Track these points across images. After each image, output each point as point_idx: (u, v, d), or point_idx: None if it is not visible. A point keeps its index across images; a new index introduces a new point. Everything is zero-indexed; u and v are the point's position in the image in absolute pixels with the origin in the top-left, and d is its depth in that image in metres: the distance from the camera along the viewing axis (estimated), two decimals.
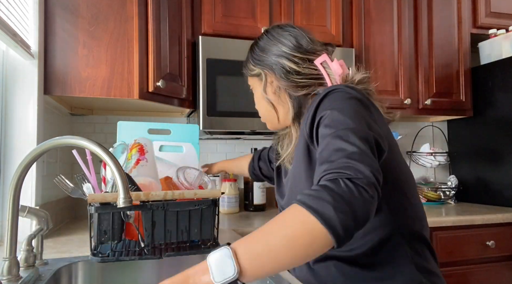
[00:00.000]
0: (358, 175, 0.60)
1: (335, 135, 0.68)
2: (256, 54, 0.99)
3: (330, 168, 0.63)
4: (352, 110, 0.72)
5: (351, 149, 0.64)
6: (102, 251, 0.97)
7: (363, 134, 0.67)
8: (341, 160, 0.63)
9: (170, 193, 0.98)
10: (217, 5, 1.80)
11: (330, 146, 0.67)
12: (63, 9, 1.41)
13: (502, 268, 1.79)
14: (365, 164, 0.62)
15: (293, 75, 0.91)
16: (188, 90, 1.73)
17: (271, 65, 0.95)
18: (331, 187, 0.59)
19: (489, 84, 2.15)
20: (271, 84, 0.96)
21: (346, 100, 0.75)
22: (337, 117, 0.71)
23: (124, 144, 1.16)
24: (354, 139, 0.65)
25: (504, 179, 2.04)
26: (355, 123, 0.69)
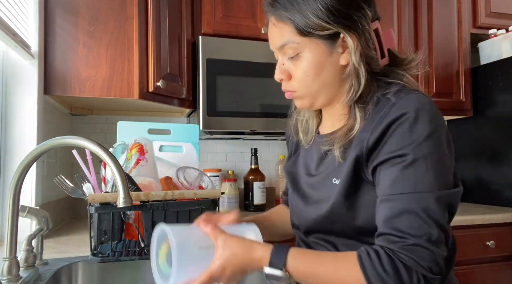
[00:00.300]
0: (431, 269, 0.60)
1: (415, 200, 0.62)
2: (334, 7, 0.70)
3: (407, 247, 0.60)
4: (436, 158, 0.64)
5: (430, 227, 0.61)
6: (102, 251, 0.97)
7: (444, 198, 0.63)
8: (419, 241, 0.60)
9: (170, 193, 0.98)
10: (217, 5, 1.80)
11: (405, 212, 0.62)
12: (63, 9, 1.41)
13: (502, 268, 1.79)
14: (440, 248, 0.61)
15: (371, 44, 0.73)
16: (188, 90, 1.73)
17: (358, 27, 0.72)
18: (403, 278, 0.59)
19: (489, 84, 2.15)
20: (357, 52, 0.72)
21: (427, 139, 0.64)
22: (419, 171, 0.63)
23: (124, 143, 1.16)
24: (434, 209, 0.61)
25: (504, 179, 2.04)
26: (437, 182, 0.63)
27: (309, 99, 0.77)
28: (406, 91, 0.70)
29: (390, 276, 0.59)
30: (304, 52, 0.73)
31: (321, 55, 0.73)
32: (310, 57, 0.73)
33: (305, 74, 0.74)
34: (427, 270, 0.59)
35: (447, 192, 0.64)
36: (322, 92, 0.76)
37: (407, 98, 0.67)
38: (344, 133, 0.74)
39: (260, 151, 2.13)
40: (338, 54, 0.73)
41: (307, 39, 0.72)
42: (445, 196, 0.63)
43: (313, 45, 0.72)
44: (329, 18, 0.70)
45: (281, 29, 0.74)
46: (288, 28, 0.73)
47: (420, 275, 0.59)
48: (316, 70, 0.73)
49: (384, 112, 0.67)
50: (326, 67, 0.74)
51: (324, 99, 0.77)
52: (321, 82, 0.74)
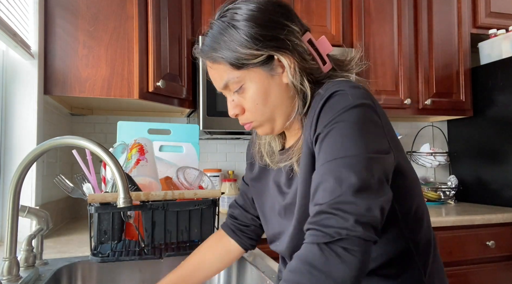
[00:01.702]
0: (339, 232, 0.54)
1: (327, 169, 0.61)
2: (259, 33, 0.72)
3: (312, 220, 0.58)
4: (353, 126, 0.63)
5: (339, 191, 0.57)
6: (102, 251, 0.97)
7: (362, 163, 0.60)
8: (324, 207, 0.57)
9: (170, 193, 0.98)
10: (217, 5, 1.80)
11: (320, 183, 0.61)
12: (63, 9, 1.41)
13: (502, 268, 1.79)
14: (353, 213, 0.56)
15: (308, 56, 0.74)
16: (188, 90, 1.73)
17: (288, 44, 0.73)
18: (308, 258, 0.55)
19: (489, 84, 2.15)
20: (293, 69, 0.73)
21: (348, 110, 0.64)
22: (332, 140, 0.63)
23: (124, 143, 1.16)
24: (347, 175, 0.58)
25: (504, 179, 2.04)
26: (353, 148, 0.61)
27: (268, 125, 0.78)
28: (334, 81, 0.72)
29: (298, 265, 0.56)
30: (246, 83, 0.75)
31: (263, 81, 0.74)
32: (254, 86, 0.75)
33: (255, 103, 0.75)
34: (332, 236, 0.55)
35: (367, 156, 0.60)
36: (277, 115, 0.77)
37: (335, 83, 0.70)
38: (299, 147, 0.75)
39: None
40: (279, 75, 0.75)
41: (244, 71, 0.74)
42: (363, 161, 0.60)
43: (252, 74, 0.74)
44: (257, 45, 0.71)
45: (218, 70, 0.76)
46: (223, 67, 0.75)
47: (323, 245, 0.55)
48: (263, 96, 0.75)
49: (316, 105, 0.69)
50: (272, 90, 0.75)
51: (282, 121, 0.78)
52: (272, 106, 0.76)
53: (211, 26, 0.77)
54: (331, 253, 0.54)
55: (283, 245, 0.80)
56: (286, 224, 0.80)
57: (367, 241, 0.55)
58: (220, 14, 0.76)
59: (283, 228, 0.82)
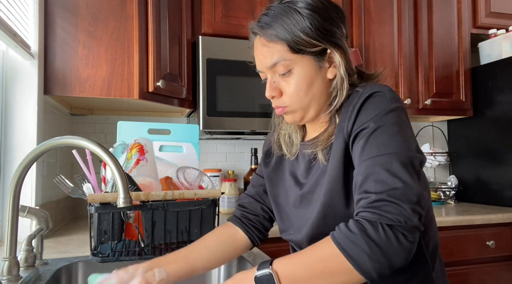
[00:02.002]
0: (399, 219, 0.60)
1: (377, 162, 0.65)
2: (322, 26, 0.76)
3: (370, 205, 0.62)
4: (396, 127, 0.68)
5: (393, 183, 0.62)
6: (102, 251, 0.97)
7: (407, 159, 0.65)
8: (382, 196, 0.62)
9: (170, 193, 0.98)
10: (217, 5, 1.80)
11: (370, 174, 0.65)
12: (63, 9, 1.41)
13: (502, 268, 1.79)
14: (408, 202, 0.61)
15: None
16: (188, 90, 1.73)
17: (341, 43, 0.78)
18: (369, 232, 0.60)
19: (489, 84, 2.15)
20: (342, 66, 0.78)
21: (390, 112, 0.70)
22: (380, 137, 0.67)
23: (124, 144, 1.16)
24: (398, 169, 0.63)
25: (504, 179, 2.04)
26: (399, 146, 0.66)
27: (301, 113, 0.81)
28: (370, 84, 0.77)
29: (357, 234, 0.60)
30: (295, 68, 0.77)
31: (311, 70, 0.78)
32: (302, 73, 0.77)
33: (298, 89, 0.78)
34: (394, 221, 0.60)
35: (411, 154, 0.67)
36: (312, 106, 0.80)
37: (372, 85, 0.75)
38: (326, 138, 0.78)
39: (260, 151, 2.13)
40: (326, 69, 0.79)
41: (298, 56, 0.77)
42: (409, 158, 0.66)
43: (304, 61, 0.77)
44: (318, 35, 0.75)
45: (272, 49, 0.78)
46: (279, 47, 0.76)
47: (385, 226, 0.60)
48: (307, 85, 0.78)
49: (355, 101, 0.73)
50: (316, 82, 0.78)
51: (313, 112, 0.81)
52: (311, 96, 0.79)
53: (271, 8, 0.79)
54: (392, 235, 0.59)
55: (301, 233, 0.82)
56: (302, 213, 0.83)
57: (418, 230, 0.62)
58: (283, 0, 0.79)
59: (298, 218, 0.84)
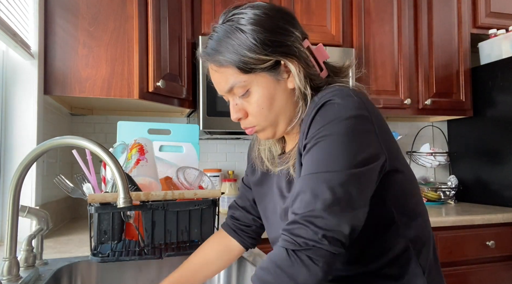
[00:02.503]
0: (306, 243, 0.60)
1: (306, 181, 0.64)
2: (267, 38, 0.72)
3: (286, 227, 0.63)
4: (336, 140, 0.65)
5: (313, 205, 0.61)
6: (102, 251, 0.97)
7: (338, 178, 0.62)
8: (297, 218, 0.62)
9: (170, 193, 0.98)
10: (217, 5, 1.80)
11: (300, 193, 0.64)
12: (63, 9, 1.41)
13: (502, 268, 1.79)
14: (322, 226, 0.60)
15: (310, 62, 0.76)
16: (188, 90, 1.73)
17: (293, 51, 0.74)
18: (277, 259, 0.62)
19: (489, 84, 2.15)
20: (298, 74, 0.75)
21: (332, 123, 0.66)
22: (316, 153, 0.66)
23: (124, 144, 1.16)
24: (323, 190, 0.62)
25: (504, 179, 2.04)
26: (334, 163, 0.63)
27: (270, 129, 0.79)
28: (329, 89, 0.72)
29: (269, 264, 0.62)
30: (252, 87, 0.75)
31: (269, 85, 0.75)
32: (260, 91, 0.75)
33: (260, 107, 0.76)
34: (300, 245, 0.60)
35: (344, 172, 0.63)
36: (280, 120, 0.78)
37: (328, 92, 0.70)
38: (296, 151, 0.76)
39: None
40: (284, 80, 0.76)
41: (251, 75, 0.74)
42: (339, 177, 0.63)
43: (259, 79, 0.74)
44: (266, 50, 0.72)
45: (224, 74, 0.76)
46: (230, 70, 0.74)
47: (291, 251, 0.61)
48: (269, 101, 0.76)
49: (310, 112, 0.71)
50: (277, 95, 0.76)
51: (283, 126, 0.79)
52: (276, 111, 0.76)
53: (215, 30, 0.77)
54: (296, 259, 0.60)
55: None
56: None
57: (331, 253, 0.61)
58: (225, 19, 0.76)
59: None
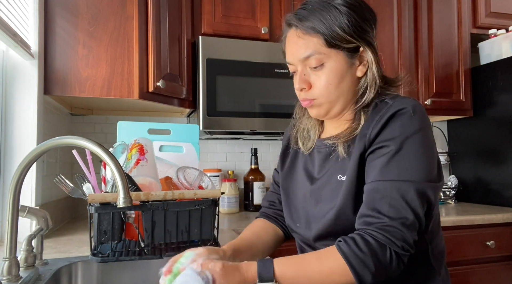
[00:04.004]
0: (403, 247, 0.66)
1: (394, 187, 0.69)
2: (358, 24, 0.78)
3: (382, 227, 0.67)
4: (420, 152, 0.71)
5: (406, 213, 0.67)
6: (102, 251, 0.97)
7: (423, 189, 0.69)
8: (395, 223, 0.67)
9: (170, 193, 0.98)
10: (217, 5, 1.80)
11: (387, 197, 0.68)
12: (63, 9, 1.41)
13: (502, 268, 1.79)
14: (413, 231, 0.68)
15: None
16: (188, 90, 1.73)
17: (373, 43, 0.82)
18: (378, 254, 0.66)
19: (489, 84, 2.15)
20: (373, 65, 0.80)
21: (416, 134, 0.72)
22: (402, 160, 0.70)
23: (124, 143, 1.16)
24: (412, 198, 0.68)
25: (504, 179, 2.04)
26: (419, 174, 0.69)
27: (327, 107, 0.82)
28: (401, 97, 0.78)
29: (367, 254, 0.65)
30: (328, 62, 0.79)
31: (343, 66, 0.79)
32: (334, 68, 0.79)
33: (328, 83, 0.79)
34: (399, 247, 0.66)
35: (428, 184, 0.70)
36: (339, 101, 0.81)
37: (403, 99, 0.76)
38: (348, 133, 0.79)
39: (260, 151, 2.13)
40: (356, 67, 0.81)
41: (333, 50, 0.78)
42: (425, 188, 0.69)
43: (338, 56, 0.79)
44: (354, 33, 0.77)
45: (307, 41, 0.78)
46: (316, 40, 0.78)
47: (393, 251, 0.66)
48: (338, 80, 0.79)
49: (383, 111, 0.74)
50: (346, 78, 0.80)
51: (339, 108, 0.82)
52: (340, 91, 0.80)
53: (308, 3, 0.81)
54: (395, 260, 0.67)
55: (310, 230, 0.83)
56: (310, 209, 0.84)
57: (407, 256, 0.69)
58: None
59: (306, 213, 0.85)
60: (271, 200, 1.02)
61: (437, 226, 0.82)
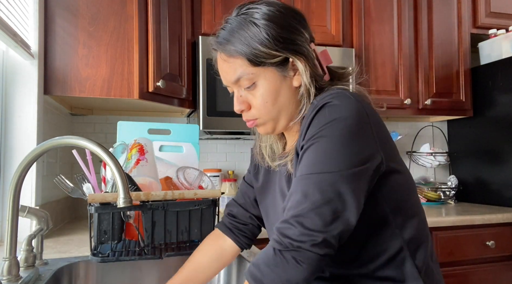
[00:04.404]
0: (292, 244, 0.62)
1: (299, 182, 0.66)
2: (279, 35, 0.74)
3: (278, 226, 0.65)
4: (330, 142, 0.66)
5: (304, 206, 0.63)
6: (102, 251, 0.97)
7: (330, 180, 0.64)
8: (288, 219, 0.64)
9: (170, 193, 0.98)
10: (217, 5, 1.80)
11: (292, 193, 0.66)
12: (63, 9, 1.41)
13: (502, 268, 1.79)
14: (310, 227, 0.62)
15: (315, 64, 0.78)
16: (188, 90, 1.73)
17: (303, 50, 0.76)
18: (268, 258, 0.64)
19: (489, 84, 2.15)
20: (305, 73, 0.76)
21: (329, 125, 0.67)
22: (312, 155, 0.67)
23: (124, 144, 1.16)
24: (313, 191, 0.63)
25: (504, 179, 2.04)
26: (327, 165, 0.64)
27: (271, 124, 0.80)
28: (327, 92, 0.74)
29: (260, 262, 0.64)
30: (259, 81, 0.76)
31: (275, 81, 0.76)
32: (266, 85, 0.76)
33: (264, 101, 0.77)
34: (287, 246, 0.62)
35: (337, 174, 0.64)
36: (282, 115, 0.79)
37: (325, 95, 0.72)
38: (294, 147, 0.76)
39: None
40: (291, 78, 0.77)
41: (260, 68, 0.75)
42: (332, 179, 0.64)
43: (267, 73, 0.76)
44: (277, 45, 0.74)
45: (233, 64, 0.76)
46: (240, 61, 0.75)
47: (277, 251, 0.63)
48: (274, 96, 0.77)
49: (309, 114, 0.72)
50: (282, 91, 0.77)
51: (284, 122, 0.80)
52: (279, 107, 0.77)
53: (228, 21, 0.78)
54: (282, 259, 0.63)
55: None
56: None
57: (317, 254, 0.62)
58: (240, 12, 0.78)
59: None
60: (230, 210, 0.99)
61: (413, 216, 0.75)
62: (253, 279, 0.64)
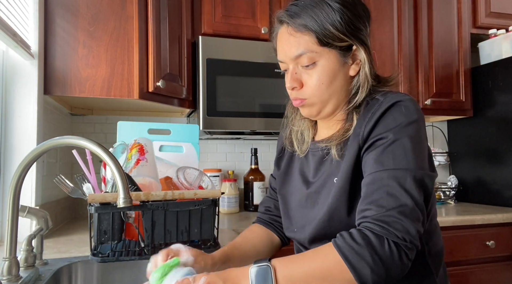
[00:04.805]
0: (404, 238, 0.62)
1: (392, 176, 0.66)
2: (351, 21, 0.76)
3: (379, 218, 0.63)
4: (415, 142, 0.69)
5: (405, 200, 0.64)
6: (102, 251, 0.97)
7: (420, 176, 0.67)
8: (393, 212, 0.63)
9: (170, 193, 0.98)
10: (217, 5, 1.80)
11: (384, 187, 0.66)
12: (63, 9, 1.41)
13: (502, 268, 1.79)
14: (414, 221, 0.63)
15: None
16: (188, 90, 1.73)
17: (366, 41, 0.79)
18: (375, 246, 0.61)
19: (489, 84, 2.15)
20: (366, 64, 0.78)
21: (410, 125, 0.70)
22: (397, 150, 0.68)
23: (124, 144, 1.16)
24: (411, 186, 0.65)
25: (504, 179, 2.04)
26: (415, 162, 0.67)
27: (319, 106, 0.80)
28: (392, 92, 0.77)
29: (362, 246, 0.61)
30: (320, 61, 0.77)
31: (335, 65, 0.77)
32: (326, 66, 0.77)
33: (320, 82, 0.77)
34: (400, 238, 0.62)
35: (424, 172, 0.68)
36: (331, 100, 0.79)
37: (394, 95, 0.75)
38: (341, 134, 0.78)
39: (260, 151, 2.13)
40: (349, 65, 0.79)
41: (325, 49, 0.76)
42: (422, 176, 0.67)
43: (330, 55, 0.76)
44: (347, 31, 0.75)
45: (299, 39, 0.77)
46: (307, 38, 0.76)
47: (391, 242, 0.61)
48: (330, 79, 0.77)
49: (375, 108, 0.73)
50: (339, 76, 0.78)
51: (331, 108, 0.81)
52: (332, 90, 0.78)
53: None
54: (396, 252, 0.61)
55: (304, 233, 0.82)
56: (307, 213, 0.83)
57: (417, 249, 0.64)
58: None
59: (303, 217, 0.84)
60: (267, 206, 1.00)
61: (434, 225, 0.80)
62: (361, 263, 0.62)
